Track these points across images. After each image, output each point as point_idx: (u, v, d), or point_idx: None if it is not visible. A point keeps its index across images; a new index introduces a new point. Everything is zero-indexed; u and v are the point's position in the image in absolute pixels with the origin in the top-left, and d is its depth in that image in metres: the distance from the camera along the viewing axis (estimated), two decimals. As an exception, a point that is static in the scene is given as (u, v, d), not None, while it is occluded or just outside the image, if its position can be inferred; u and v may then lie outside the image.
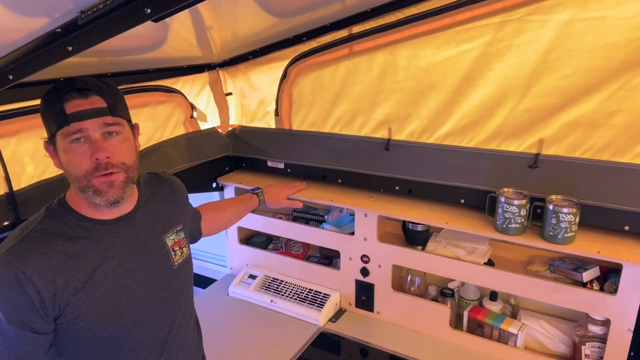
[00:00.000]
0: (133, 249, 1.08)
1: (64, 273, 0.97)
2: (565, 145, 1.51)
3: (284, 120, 2.05)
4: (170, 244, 1.17)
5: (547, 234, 1.49)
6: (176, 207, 1.25)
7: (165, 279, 1.14)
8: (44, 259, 0.96)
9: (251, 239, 2.25)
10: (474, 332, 1.72)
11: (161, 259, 1.14)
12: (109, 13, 0.86)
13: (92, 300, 1.00)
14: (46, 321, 0.97)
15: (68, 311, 0.98)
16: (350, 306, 1.97)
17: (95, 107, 0.96)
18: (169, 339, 1.16)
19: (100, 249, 1.03)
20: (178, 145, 1.96)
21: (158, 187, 1.24)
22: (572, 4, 1.37)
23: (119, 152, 1.00)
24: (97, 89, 0.98)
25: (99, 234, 1.04)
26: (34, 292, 0.94)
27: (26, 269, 0.94)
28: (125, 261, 1.06)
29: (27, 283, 0.94)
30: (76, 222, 1.03)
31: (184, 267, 1.20)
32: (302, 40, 1.84)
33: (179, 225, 1.22)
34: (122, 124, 1.02)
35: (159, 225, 1.16)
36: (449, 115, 1.66)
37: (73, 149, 0.97)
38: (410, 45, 1.65)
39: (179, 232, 1.21)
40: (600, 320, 1.51)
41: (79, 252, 1.00)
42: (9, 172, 1.35)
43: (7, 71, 1.01)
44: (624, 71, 1.36)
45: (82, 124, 0.96)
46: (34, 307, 0.95)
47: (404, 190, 1.82)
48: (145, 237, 1.12)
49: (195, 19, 1.47)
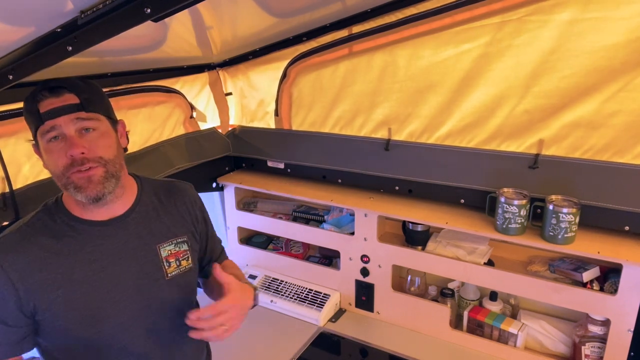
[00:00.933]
0: (121, 253, 1.06)
1: (42, 270, 0.97)
2: (565, 145, 1.51)
3: (284, 121, 2.05)
4: (164, 254, 1.12)
5: (547, 234, 1.49)
6: (182, 219, 1.19)
7: (154, 288, 1.10)
8: (23, 253, 0.97)
9: (251, 239, 2.25)
10: (474, 332, 1.72)
11: (152, 268, 1.10)
12: (109, 13, 0.86)
13: (70, 300, 0.99)
14: (19, 315, 0.97)
15: (42, 309, 0.98)
16: (350, 306, 1.97)
17: (67, 104, 0.96)
18: (161, 350, 1.11)
19: (85, 250, 1.02)
20: (178, 145, 1.96)
21: (166, 195, 1.19)
22: (572, 5, 1.37)
23: (96, 147, 0.99)
24: (70, 87, 0.98)
25: (86, 235, 1.03)
26: (9, 285, 0.95)
27: (3, 260, 0.95)
28: (110, 265, 1.04)
29: (3, 275, 0.95)
30: (65, 220, 1.03)
31: (179, 279, 1.14)
32: (302, 40, 1.84)
33: (182, 237, 1.17)
34: (97, 119, 1.01)
35: (155, 233, 1.12)
36: (449, 116, 1.67)
37: (51, 147, 0.97)
38: (410, 46, 1.65)
39: (180, 244, 1.16)
40: (600, 321, 1.51)
41: (62, 250, 1.00)
42: (8, 172, 1.35)
43: (7, 71, 1.01)
44: (624, 72, 1.36)
45: (55, 122, 0.96)
46: (6, 299, 0.95)
47: (404, 190, 1.82)
48: (136, 242, 1.08)
49: (195, 19, 1.47)
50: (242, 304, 1.11)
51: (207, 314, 1.01)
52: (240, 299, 1.10)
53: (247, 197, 2.27)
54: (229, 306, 1.04)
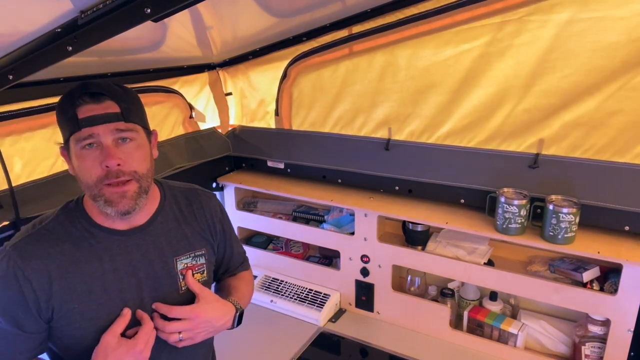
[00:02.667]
0: (139, 265, 1.04)
1: (62, 277, 0.96)
2: (565, 145, 1.51)
3: (284, 120, 2.05)
4: (180, 267, 1.09)
5: (547, 234, 1.49)
6: (201, 231, 1.15)
7: (168, 301, 1.06)
8: (46, 259, 0.95)
9: (251, 239, 2.25)
10: (474, 332, 1.72)
11: (167, 281, 1.08)
12: (109, 13, 0.86)
13: (88, 310, 0.98)
14: (37, 321, 0.96)
15: (60, 316, 0.97)
16: (350, 306, 1.97)
17: (107, 112, 0.93)
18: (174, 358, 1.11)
19: (104, 259, 1.01)
20: (178, 145, 1.96)
21: (187, 205, 1.16)
22: (572, 4, 1.37)
23: (132, 160, 0.96)
24: (111, 93, 0.95)
25: (106, 244, 1.01)
26: (30, 292, 0.94)
27: (26, 267, 0.93)
28: (128, 276, 1.03)
29: (25, 282, 0.93)
30: (86, 226, 1.01)
31: (192, 293, 1.11)
32: (302, 40, 1.84)
33: (200, 250, 1.13)
34: (136, 130, 0.98)
35: (173, 245, 1.09)
36: (449, 115, 1.67)
37: (84, 155, 0.94)
38: (410, 45, 1.65)
39: (197, 257, 1.12)
40: (600, 321, 1.51)
41: (82, 258, 0.98)
42: (8, 172, 1.35)
43: (7, 71, 1.01)
44: (624, 71, 1.36)
45: (94, 130, 0.92)
46: (28, 306, 0.94)
47: (404, 190, 1.82)
48: (154, 254, 1.06)
49: (195, 19, 1.47)
50: (208, 318, 1.06)
51: (169, 313, 1.02)
52: (208, 312, 1.06)
53: (247, 197, 2.27)
54: (191, 315, 1.03)
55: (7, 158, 1.36)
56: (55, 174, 1.49)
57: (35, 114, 1.41)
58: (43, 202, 1.41)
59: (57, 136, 1.00)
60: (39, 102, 1.42)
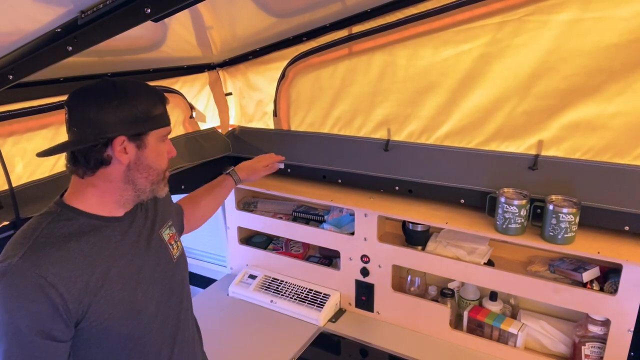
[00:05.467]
0: (138, 245, 1.10)
1: (83, 274, 0.96)
2: (565, 146, 1.51)
3: (282, 121, 2.05)
4: (166, 238, 1.19)
5: (547, 234, 1.49)
6: (164, 203, 1.26)
7: (168, 272, 1.15)
8: (62, 262, 0.94)
9: (251, 239, 2.25)
10: (474, 332, 1.72)
11: (162, 253, 1.16)
12: (109, 13, 0.86)
13: (112, 298, 1.00)
14: (68, 327, 0.95)
15: (91, 312, 0.97)
16: (350, 306, 1.97)
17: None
18: (178, 334, 1.17)
19: (110, 247, 1.03)
20: (178, 145, 1.94)
21: None
22: (572, 4, 1.37)
23: None
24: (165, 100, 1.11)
25: (108, 232, 1.04)
26: (58, 297, 0.91)
27: (47, 273, 0.91)
28: (134, 257, 1.07)
29: (50, 288, 0.90)
30: (84, 220, 1.02)
31: (181, 260, 1.23)
32: (302, 40, 1.84)
33: (170, 220, 1.24)
34: None
35: (156, 221, 1.18)
36: (448, 116, 1.66)
37: (161, 147, 1.08)
38: (410, 46, 1.65)
39: (171, 227, 1.23)
40: (600, 321, 1.51)
41: (92, 251, 0.99)
42: (9, 172, 1.35)
43: (7, 71, 1.01)
44: (625, 72, 1.36)
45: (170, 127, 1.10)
46: (58, 313, 0.92)
47: (404, 190, 1.82)
48: (147, 232, 1.13)
49: (195, 19, 1.47)
50: None
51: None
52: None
53: (247, 197, 2.27)
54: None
55: (9, 158, 1.37)
56: (56, 174, 1.49)
57: (35, 113, 1.41)
58: (43, 202, 1.40)
59: (59, 136, 1.00)
60: (39, 102, 1.42)
